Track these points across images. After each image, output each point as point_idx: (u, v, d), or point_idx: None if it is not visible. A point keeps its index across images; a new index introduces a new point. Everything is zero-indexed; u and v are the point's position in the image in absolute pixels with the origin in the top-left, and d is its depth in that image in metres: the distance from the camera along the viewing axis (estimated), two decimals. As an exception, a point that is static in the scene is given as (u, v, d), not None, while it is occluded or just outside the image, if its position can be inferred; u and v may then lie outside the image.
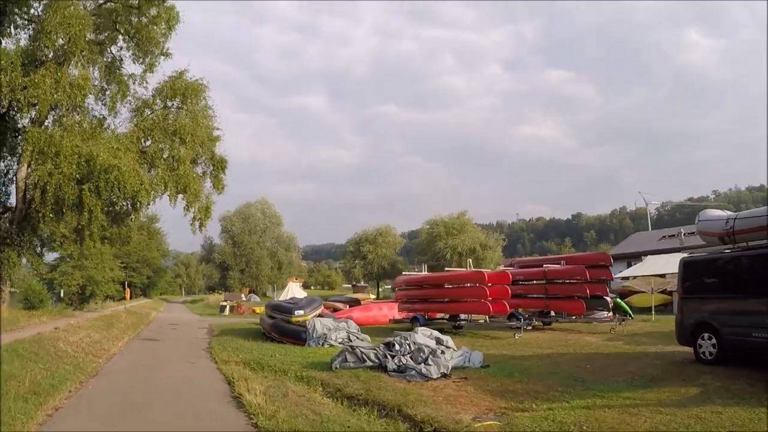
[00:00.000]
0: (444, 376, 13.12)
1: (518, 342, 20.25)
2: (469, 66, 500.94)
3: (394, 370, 13.53)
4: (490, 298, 21.84)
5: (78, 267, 64.32)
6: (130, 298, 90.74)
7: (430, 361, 13.42)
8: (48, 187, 23.70)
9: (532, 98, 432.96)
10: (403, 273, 35.88)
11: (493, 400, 10.87)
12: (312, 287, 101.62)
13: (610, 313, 24.88)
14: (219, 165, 30.86)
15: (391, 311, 30.07)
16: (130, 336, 25.68)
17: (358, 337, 20.94)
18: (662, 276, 31.91)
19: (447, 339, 15.15)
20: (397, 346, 14.38)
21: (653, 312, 28.31)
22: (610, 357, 15.97)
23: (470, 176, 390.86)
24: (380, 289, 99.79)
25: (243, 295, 62.71)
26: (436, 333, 15.57)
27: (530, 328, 23.50)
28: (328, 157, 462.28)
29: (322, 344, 20.26)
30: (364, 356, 14.43)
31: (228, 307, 51.02)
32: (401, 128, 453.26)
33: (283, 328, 23.04)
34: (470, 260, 35.61)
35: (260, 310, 50.93)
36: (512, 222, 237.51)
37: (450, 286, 25.95)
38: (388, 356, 14.12)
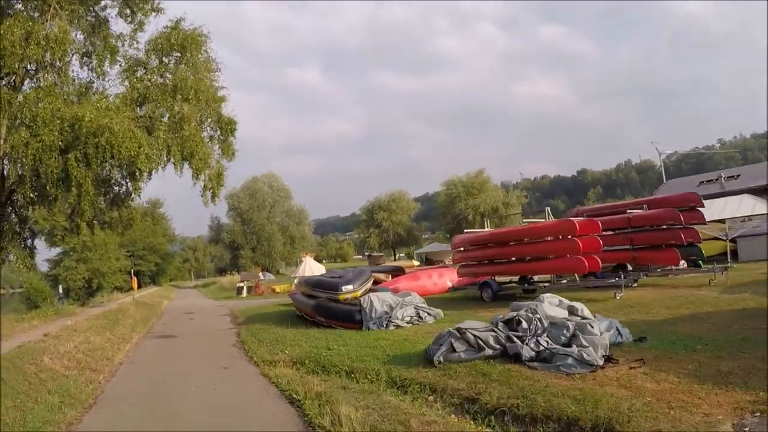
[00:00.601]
0: (608, 359, 8.94)
1: (621, 303, 16.10)
2: (462, 27, 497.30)
3: (533, 359, 9.22)
4: (584, 253, 17.35)
5: (82, 260, 61.28)
6: (139, 287, 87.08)
7: (583, 341, 9.06)
8: (24, 160, 19.17)
9: (529, 56, 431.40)
10: (465, 231, 30.90)
11: (719, 391, 7.09)
12: (324, 261, 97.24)
13: (685, 263, 21.02)
14: (227, 127, 26.27)
15: (442, 278, 25.90)
16: (141, 334, 21.06)
17: (429, 313, 16.83)
18: (722, 221, 28.59)
19: (581, 307, 10.61)
20: (524, 324, 9.96)
21: (729, 259, 23.57)
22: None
23: (473, 139, 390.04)
24: (396, 258, 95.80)
25: (261, 274, 58.21)
26: (565, 300, 11.09)
27: (635, 285, 19.39)
28: (328, 129, 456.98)
29: (386, 326, 16.13)
30: (480, 342, 9.91)
31: (245, 287, 46.76)
32: (400, 96, 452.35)
33: (330, 309, 18.40)
34: (548, 210, 30.26)
35: (281, 288, 47.01)
36: (517, 182, 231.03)
37: (528, 242, 21.00)
38: (515, 339, 9.70)
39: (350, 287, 18.56)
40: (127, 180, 24.21)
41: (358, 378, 10.25)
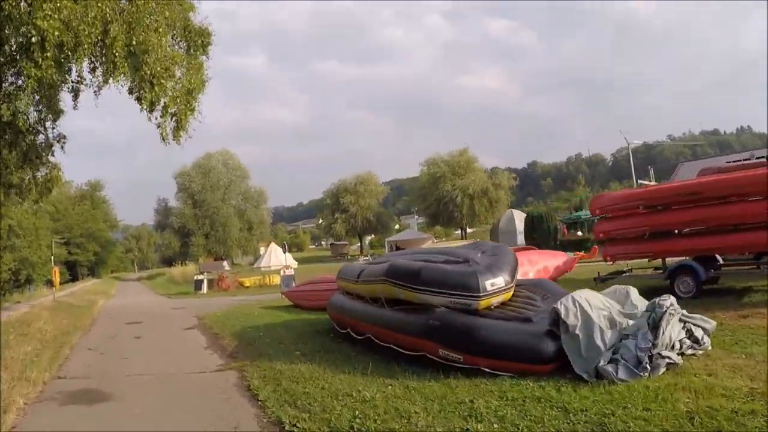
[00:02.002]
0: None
1: None
2: (408, 17, 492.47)
3: None
4: None
5: (9, 248, 52.44)
6: (75, 280, 75.99)
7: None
8: None
9: (474, 48, 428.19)
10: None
11: None
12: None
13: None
14: (198, 40, 17.25)
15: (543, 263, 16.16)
16: (31, 389, 8.95)
17: (705, 328, 7.53)
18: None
19: None
20: None
21: None
22: None
23: (417, 130, 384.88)
24: (364, 245, 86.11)
25: (225, 264, 47.55)
26: None
27: None
28: (271, 118, 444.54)
29: (647, 368, 6.60)
30: None
31: (206, 281, 36.23)
32: (345, 84, 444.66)
33: (471, 332, 7.89)
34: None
35: (251, 281, 36.93)
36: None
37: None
38: None
39: (498, 281, 8.33)
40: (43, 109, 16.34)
41: None
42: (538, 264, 15.79)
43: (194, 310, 23.05)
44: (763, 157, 45.41)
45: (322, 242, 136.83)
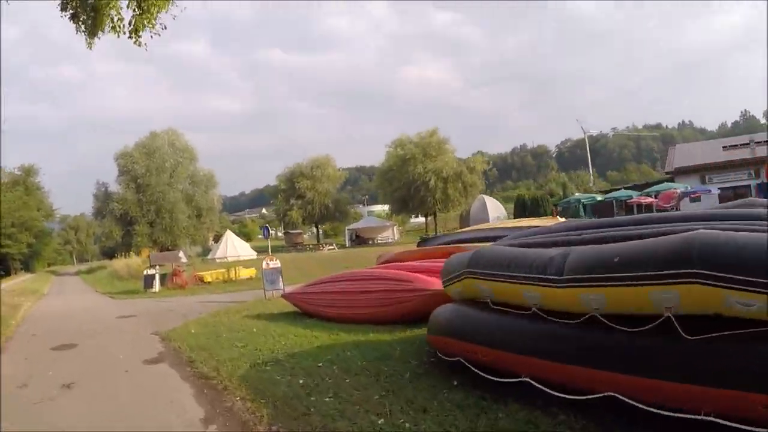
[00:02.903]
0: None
1: None
2: (353, 6, 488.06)
3: None
4: None
5: None
6: (7, 275, 68.09)
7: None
8: None
9: (419, 40, 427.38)
10: None
11: None
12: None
13: None
14: None
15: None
16: None
17: None
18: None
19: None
20: None
21: None
22: None
23: (361, 120, 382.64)
24: (319, 233, 79.70)
25: (181, 254, 40.73)
26: None
27: None
28: (213, 106, 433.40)
29: None
30: None
31: (157, 276, 29.60)
32: (288, 73, 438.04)
33: None
34: None
35: (212, 276, 30.67)
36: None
37: None
38: None
39: None
40: None
41: None
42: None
43: (150, 318, 17.15)
44: (762, 142, 42.71)
45: (271, 231, 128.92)
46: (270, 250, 51.87)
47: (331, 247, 60.34)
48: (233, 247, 49.96)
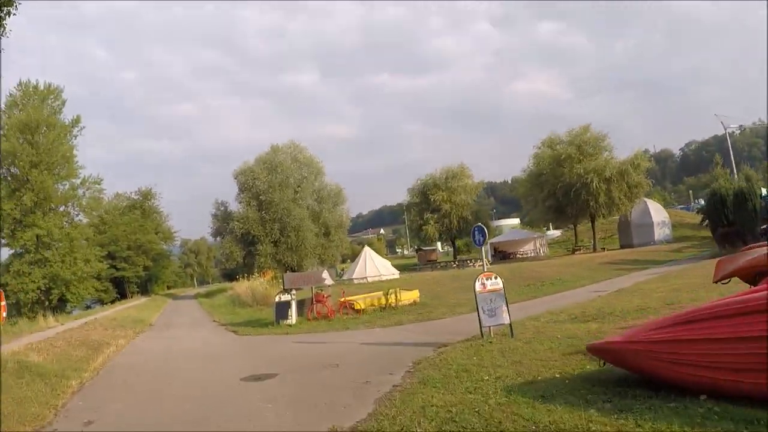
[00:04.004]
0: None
1: None
2: (457, 26, 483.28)
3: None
4: None
5: (38, 262, 45.43)
6: (123, 297, 62.35)
7: None
8: None
9: (524, 53, 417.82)
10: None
11: None
12: (348, 260, 73.28)
13: None
14: None
15: None
16: None
17: None
18: None
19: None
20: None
21: None
22: None
23: (471, 138, 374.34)
24: (456, 251, 69.88)
25: (326, 275, 32.74)
26: None
27: None
28: (325, 132, 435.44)
29: None
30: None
31: (293, 303, 21.50)
32: (396, 96, 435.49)
33: None
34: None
35: (365, 303, 22.45)
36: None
37: None
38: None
39: None
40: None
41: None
42: None
43: (302, 381, 9.27)
44: None
45: (397, 250, 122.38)
46: (398, 269, 43.48)
47: (481, 263, 51.37)
48: (373, 265, 41.47)
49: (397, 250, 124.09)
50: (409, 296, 23.37)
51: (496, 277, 12.63)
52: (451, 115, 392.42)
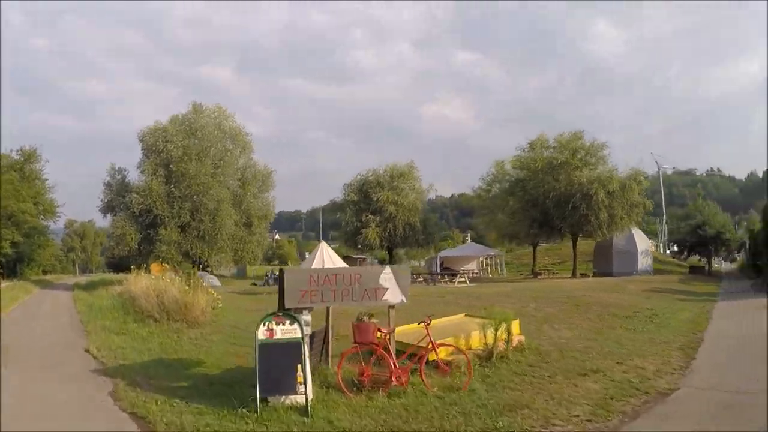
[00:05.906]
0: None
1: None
2: (379, 42, 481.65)
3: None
4: None
5: None
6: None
7: None
8: None
9: (441, 78, 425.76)
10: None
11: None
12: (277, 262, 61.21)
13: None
14: None
15: None
16: None
17: None
18: None
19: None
20: None
21: None
22: None
23: (380, 153, 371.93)
24: (392, 259, 57.45)
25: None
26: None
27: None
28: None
29: None
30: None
31: (307, 346, 8.84)
32: (310, 103, 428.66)
33: None
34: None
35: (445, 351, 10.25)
36: (434, 197, 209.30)
37: None
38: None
39: None
40: None
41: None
42: None
43: None
44: None
45: (306, 255, 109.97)
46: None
47: (462, 279, 39.78)
48: (330, 261, 28.74)
49: (306, 255, 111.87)
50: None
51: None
52: (364, 128, 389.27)
